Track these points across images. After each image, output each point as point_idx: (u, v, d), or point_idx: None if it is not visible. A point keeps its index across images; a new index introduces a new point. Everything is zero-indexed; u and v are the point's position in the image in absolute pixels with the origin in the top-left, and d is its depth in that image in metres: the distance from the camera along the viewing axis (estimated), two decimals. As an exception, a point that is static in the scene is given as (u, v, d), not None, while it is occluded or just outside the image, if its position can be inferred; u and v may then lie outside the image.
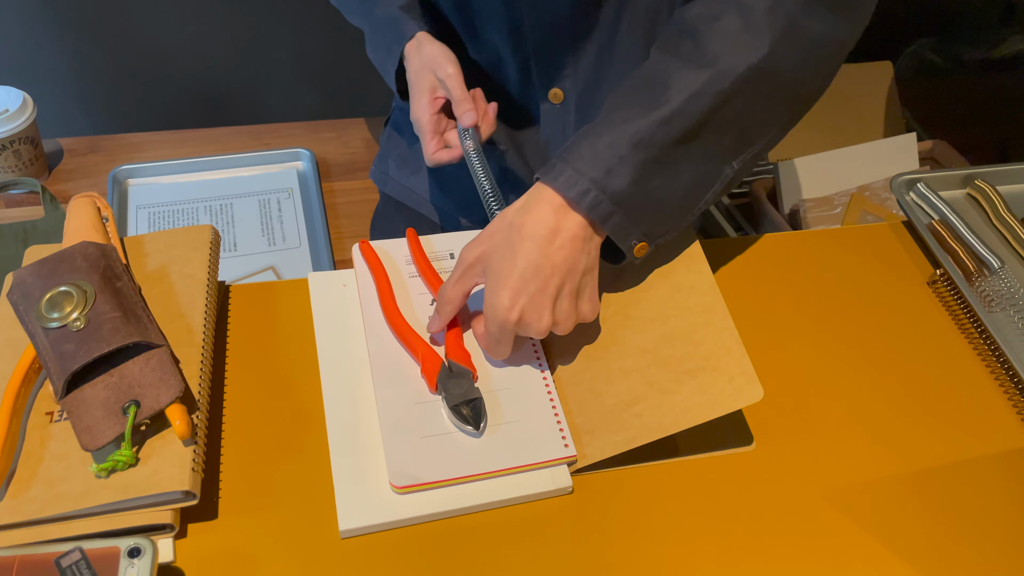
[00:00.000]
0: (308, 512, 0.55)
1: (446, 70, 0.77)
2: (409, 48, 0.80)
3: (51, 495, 0.51)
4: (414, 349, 0.62)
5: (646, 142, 0.59)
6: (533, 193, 0.61)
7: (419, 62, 0.79)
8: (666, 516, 0.57)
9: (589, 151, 0.60)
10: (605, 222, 0.59)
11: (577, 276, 0.60)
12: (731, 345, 0.59)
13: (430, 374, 0.60)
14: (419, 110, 0.79)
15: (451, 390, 0.60)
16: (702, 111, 0.60)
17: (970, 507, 0.60)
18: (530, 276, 0.58)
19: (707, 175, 0.63)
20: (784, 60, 0.61)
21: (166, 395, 0.53)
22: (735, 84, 0.60)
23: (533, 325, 0.59)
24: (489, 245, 0.61)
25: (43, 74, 1.43)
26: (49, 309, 0.55)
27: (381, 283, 0.66)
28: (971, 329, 0.71)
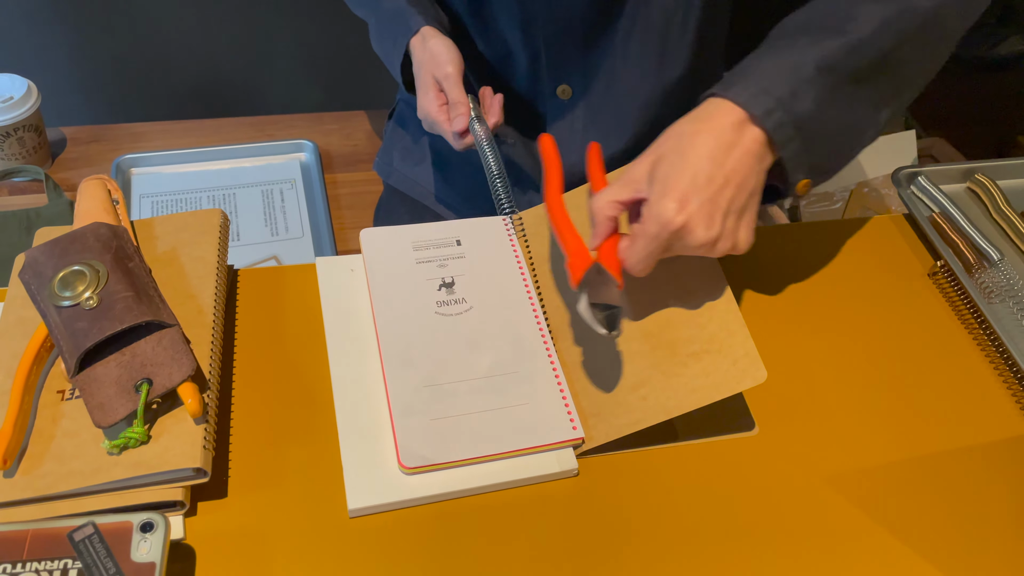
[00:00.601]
0: (317, 491, 0.56)
1: (444, 70, 0.78)
2: (414, 43, 0.81)
3: (63, 471, 0.51)
4: (566, 242, 0.60)
5: (833, 67, 0.58)
6: (707, 107, 0.59)
7: (423, 57, 0.80)
8: (670, 499, 0.58)
9: (774, 70, 0.58)
10: (784, 146, 0.58)
11: (745, 194, 0.57)
12: (735, 327, 0.60)
13: (577, 269, 0.58)
14: (427, 104, 0.80)
15: (595, 290, 0.58)
16: (886, 44, 0.59)
17: (969, 494, 0.60)
18: (703, 183, 0.55)
19: (870, 117, 0.63)
20: (953, 7, 0.61)
21: (178, 374, 0.53)
22: (918, 23, 0.60)
23: (697, 233, 0.55)
24: (655, 155, 0.58)
25: (47, 62, 1.43)
26: (62, 288, 0.55)
27: (552, 177, 0.65)
28: (971, 320, 0.72)
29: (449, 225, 0.72)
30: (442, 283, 0.67)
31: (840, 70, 0.59)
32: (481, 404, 0.60)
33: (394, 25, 0.83)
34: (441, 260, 0.69)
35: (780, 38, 0.62)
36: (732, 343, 0.59)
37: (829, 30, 0.60)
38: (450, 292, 0.67)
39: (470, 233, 0.71)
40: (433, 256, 0.69)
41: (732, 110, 0.57)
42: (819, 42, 0.59)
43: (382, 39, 0.87)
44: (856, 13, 0.60)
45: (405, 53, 0.82)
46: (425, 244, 0.70)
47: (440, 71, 0.78)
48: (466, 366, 0.62)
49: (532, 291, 0.67)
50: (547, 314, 0.66)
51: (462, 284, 0.67)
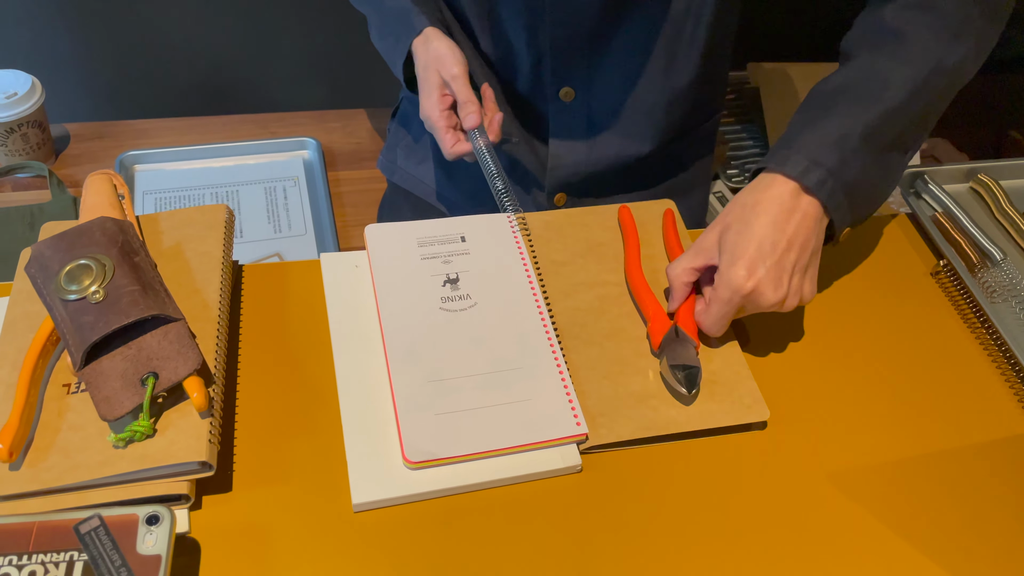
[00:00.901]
0: (321, 486, 0.56)
1: (451, 71, 0.78)
2: (417, 43, 0.81)
3: (69, 464, 0.51)
4: (646, 308, 0.65)
5: (873, 135, 0.65)
6: (764, 179, 0.64)
7: (426, 58, 0.80)
8: (674, 495, 0.58)
9: (820, 141, 0.64)
10: (836, 209, 0.64)
11: (808, 254, 0.63)
12: (739, 368, 0.64)
13: (657, 333, 0.63)
14: (429, 107, 0.80)
15: (674, 352, 0.62)
16: (919, 107, 0.66)
17: (972, 492, 0.61)
18: (768, 249, 0.61)
19: (902, 165, 0.70)
20: (972, 56, 0.68)
21: (184, 367, 0.53)
22: (946, 82, 0.67)
23: (767, 295, 0.61)
24: (723, 225, 0.64)
25: (51, 59, 1.43)
26: (68, 282, 0.55)
27: (631, 243, 0.70)
28: (973, 319, 0.72)
29: (454, 221, 0.72)
30: (446, 279, 0.67)
31: (880, 136, 0.65)
32: (485, 399, 0.60)
33: (396, 23, 0.84)
34: (446, 256, 0.69)
35: (818, 106, 0.67)
36: (736, 382, 0.63)
37: (866, 100, 0.65)
38: (454, 288, 0.67)
39: (475, 229, 0.71)
40: (438, 252, 0.69)
41: (785, 182, 0.63)
42: (858, 114, 0.65)
43: (383, 36, 0.87)
44: (890, 79, 0.65)
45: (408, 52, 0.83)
46: (430, 240, 0.70)
47: (447, 71, 0.78)
48: (470, 362, 0.62)
49: (537, 288, 0.68)
50: (554, 317, 0.66)
51: (466, 280, 0.68)
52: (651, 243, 0.73)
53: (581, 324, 0.66)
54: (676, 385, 0.61)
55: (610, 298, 0.68)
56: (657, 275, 0.70)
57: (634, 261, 0.69)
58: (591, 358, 0.64)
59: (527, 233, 0.72)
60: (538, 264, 0.70)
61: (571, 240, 0.72)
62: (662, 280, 0.70)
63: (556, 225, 0.73)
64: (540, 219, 0.73)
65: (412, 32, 0.81)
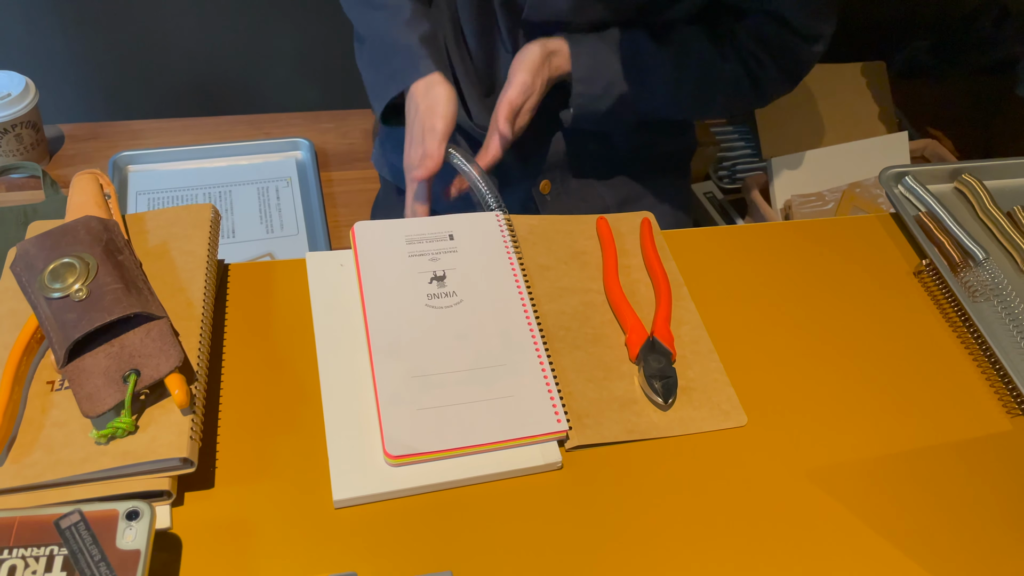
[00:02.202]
0: (303, 482, 0.56)
1: (432, 122, 0.78)
2: (418, 86, 0.80)
3: (51, 460, 0.52)
4: (624, 319, 0.67)
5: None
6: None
7: (423, 105, 0.79)
8: (654, 492, 0.59)
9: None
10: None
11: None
12: (717, 376, 0.66)
13: (634, 344, 0.65)
14: (409, 157, 0.80)
15: (650, 363, 0.64)
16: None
17: (952, 490, 0.61)
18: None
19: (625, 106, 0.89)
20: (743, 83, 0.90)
21: (166, 365, 0.54)
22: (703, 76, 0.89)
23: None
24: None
25: (46, 60, 1.44)
26: (52, 280, 0.56)
27: (608, 254, 0.72)
28: (955, 318, 0.73)
29: (442, 219, 0.73)
30: (433, 276, 0.68)
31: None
32: (467, 395, 0.61)
33: (398, 58, 0.83)
34: (433, 254, 0.70)
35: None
36: (715, 389, 0.65)
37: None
38: (441, 285, 0.67)
39: (463, 228, 0.72)
40: (426, 250, 0.70)
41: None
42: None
43: (377, 65, 0.86)
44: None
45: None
46: (418, 238, 0.70)
47: (429, 122, 0.78)
48: (454, 358, 0.63)
49: (523, 288, 0.68)
50: (540, 319, 0.66)
51: (453, 278, 0.68)
52: (629, 253, 0.74)
53: (566, 328, 0.66)
54: (653, 395, 0.62)
55: (594, 305, 0.69)
56: (635, 285, 0.71)
57: (612, 273, 0.70)
58: (576, 361, 0.64)
59: (513, 235, 0.72)
60: (524, 266, 0.70)
61: (556, 246, 0.73)
62: (640, 291, 0.71)
63: (541, 230, 0.74)
64: (525, 223, 0.74)
65: (416, 75, 0.81)
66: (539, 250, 0.72)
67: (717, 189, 1.37)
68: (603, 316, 0.68)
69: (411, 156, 0.80)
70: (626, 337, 0.66)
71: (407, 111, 0.82)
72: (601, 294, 0.70)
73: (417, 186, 0.79)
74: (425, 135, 0.78)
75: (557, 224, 0.75)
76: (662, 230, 0.76)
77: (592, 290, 0.70)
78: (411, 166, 0.80)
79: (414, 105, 0.80)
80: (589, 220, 0.76)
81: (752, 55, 0.87)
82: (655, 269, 0.71)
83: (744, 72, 0.88)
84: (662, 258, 0.73)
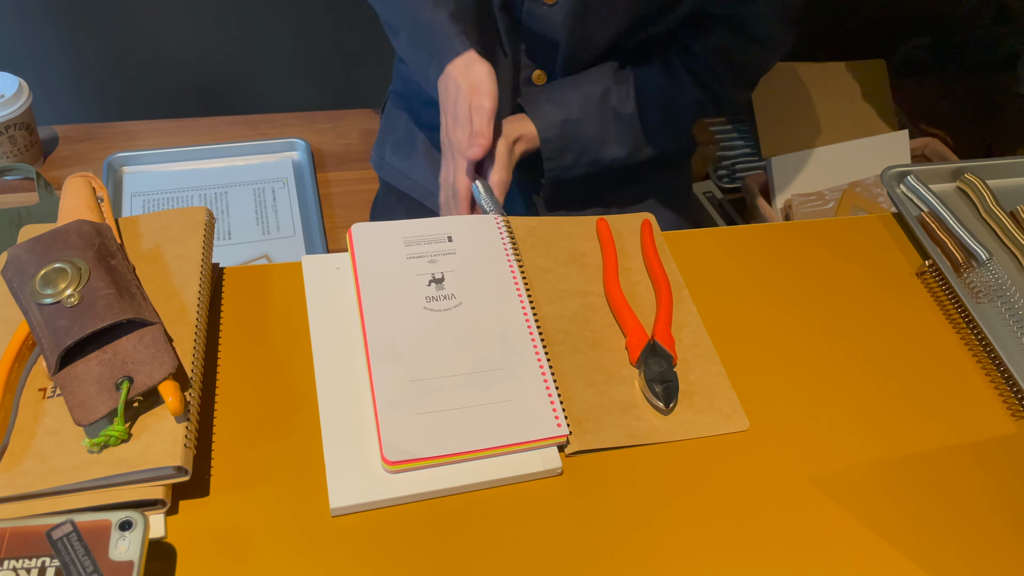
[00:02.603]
0: (299, 490, 0.56)
1: (480, 101, 0.77)
2: (456, 65, 0.79)
3: (43, 469, 0.51)
4: (624, 322, 0.66)
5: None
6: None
7: (465, 84, 0.78)
8: (656, 498, 0.58)
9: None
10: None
11: None
12: (718, 379, 0.65)
13: (634, 348, 0.64)
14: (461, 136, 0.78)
15: (651, 367, 0.63)
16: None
17: (956, 493, 0.60)
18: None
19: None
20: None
21: (159, 371, 0.53)
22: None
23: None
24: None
25: (39, 60, 1.43)
26: (43, 285, 0.55)
27: (608, 256, 0.71)
28: (959, 319, 0.72)
29: (441, 221, 0.72)
30: (432, 278, 0.67)
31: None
32: (466, 400, 0.60)
33: (434, 39, 0.82)
34: (432, 256, 0.69)
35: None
36: (716, 392, 0.64)
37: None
38: (439, 288, 0.67)
39: (462, 229, 0.71)
40: (424, 252, 0.69)
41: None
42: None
43: (417, 47, 0.85)
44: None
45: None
46: (416, 240, 0.70)
47: (476, 100, 0.77)
48: (453, 361, 0.62)
49: (522, 291, 0.67)
50: (539, 322, 0.66)
51: (452, 280, 0.67)
52: (630, 255, 0.73)
53: (565, 331, 0.66)
54: (654, 399, 0.61)
55: (593, 308, 0.68)
56: (636, 288, 0.70)
57: (612, 275, 0.69)
58: (576, 364, 0.64)
59: (512, 236, 0.72)
60: (523, 268, 0.69)
61: (555, 248, 0.72)
62: (640, 293, 0.70)
63: (540, 232, 0.73)
64: (524, 225, 0.73)
65: (453, 52, 0.80)
66: (538, 252, 0.71)
67: (716, 188, 1.36)
68: (603, 319, 0.67)
69: (457, 136, 0.79)
70: (626, 340, 0.65)
71: (446, 91, 0.81)
72: (601, 296, 0.69)
73: (468, 164, 0.79)
74: (473, 114, 0.77)
75: (556, 226, 0.74)
76: (662, 231, 0.76)
77: (592, 292, 0.69)
78: (460, 146, 0.79)
79: (454, 85, 0.79)
80: (589, 221, 0.75)
81: (713, 75, 0.91)
82: (656, 271, 0.70)
83: (704, 94, 0.92)
84: (663, 260, 0.72)
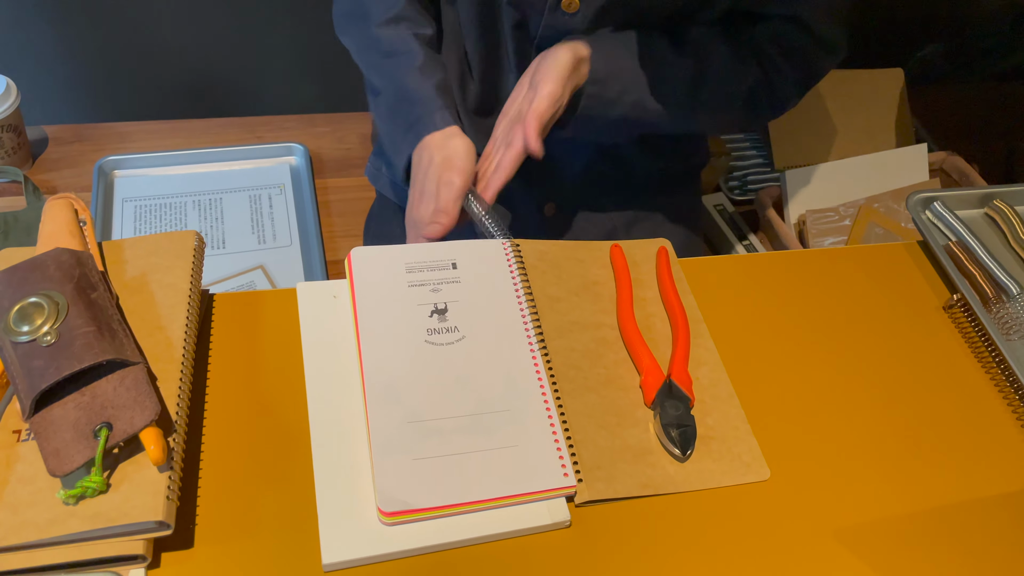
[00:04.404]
0: (290, 543, 0.52)
1: (451, 177, 0.73)
2: (434, 138, 0.76)
3: (16, 522, 0.47)
4: (639, 359, 0.62)
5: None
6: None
7: (439, 157, 0.74)
8: (670, 552, 0.54)
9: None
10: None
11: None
12: (738, 423, 0.61)
13: (650, 388, 0.60)
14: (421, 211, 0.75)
15: (667, 409, 0.59)
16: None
17: (984, 548, 0.57)
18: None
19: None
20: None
21: (140, 418, 0.49)
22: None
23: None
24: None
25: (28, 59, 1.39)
26: (18, 322, 0.51)
27: (623, 286, 0.67)
28: (988, 357, 0.68)
29: (445, 246, 0.68)
30: (434, 309, 0.63)
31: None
32: (467, 445, 0.56)
33: (415, 110, 0.78)
34: (435, 284, 0.65)
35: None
36: (736, 439, 0.60)
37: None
38: (442, 319, 0.63)
39: (467, 256, 0.67)
40: (427, 279, 0.65)
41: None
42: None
43: (394, 115, 0.81)
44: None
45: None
46: (419, 266, 0.66)
47: (447, 176, 0.73)
48: (453, 402, 0.58)
49: (530, 323, 0.64)
50: (549, 358, 0.62)
51: (455, 311, 0.64)
52: (645, 284, 0.69)
53: (576, 367, 0.62)
54: (670, 446, 0.58)
55: (606, 342, 0.64)
56: (651, 320, 0.66)
57: (626, 307, 0.66)
58: (588, 405, 0.60)
59: (521, 263, 0.68)
60: (532, 297, 0.65)
61: (566, 275, 0.68)
62: (656, 326, 0.66)
63: (551, 257, 0.69)
64: (534, 249, 0.69)
65: (432, 126, 0.76)
66: (548, 279, 0.67)
67: (728, 201, 1.32)
68: (616, 354, 0.64)
69: (421, 210, 0.75)
70: (641, 379, 0.61)
71: (419, 161, 0.77)
72: (614, 329, 0.65)
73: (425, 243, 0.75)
74: (440, 188, 0.73)
75: (568, 251, 0.70)
76: (672, 248, 0.72)
77: (605, 325, 0.65)
78: (421, 221, 0.74)
79: (428, 156, 0.75)
80: (603, 247, 0.71)
81: (770, 59, 0.82)
82: (672, 303, 0.66)
83: (762, 76, 0.83)
84: (679, 290, 0.68)
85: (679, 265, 0.71)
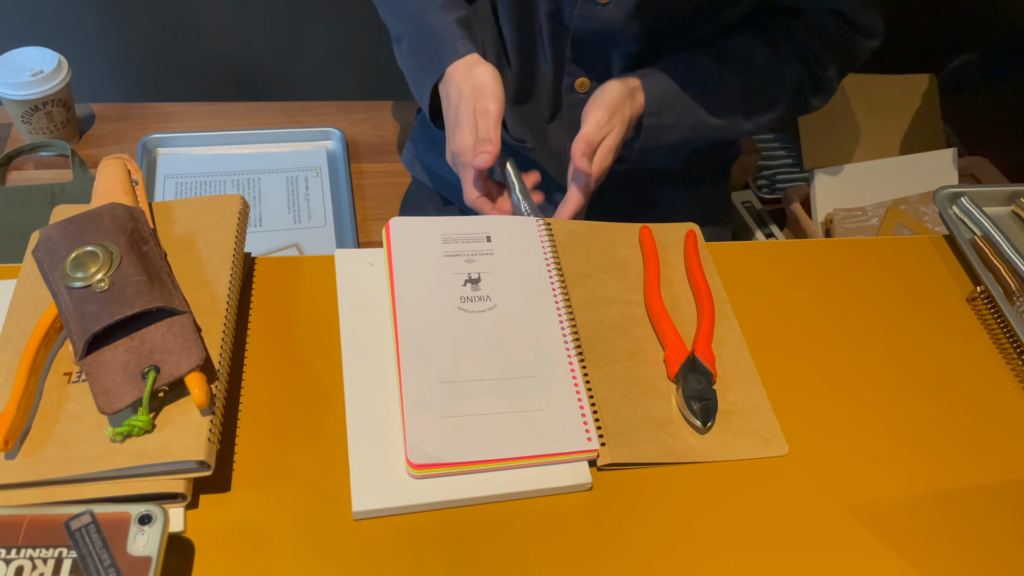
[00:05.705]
0: (322, 491, 0.54)
1: (485, 104, 0.73)
2: (457, 68, 0.76)
3: (65, 456, 0.50)
4: (664, 335, 0.64)
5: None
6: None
7: (467, 87, 0.75)
8: (688, 521, 0.56)
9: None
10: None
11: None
12: (758, 400, 0.62)
13: (673, 362, 0.62)
14: (464, 141, 0.75)
15: (689, 383, 0.61)
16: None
17: (1004, 533, 0.58)
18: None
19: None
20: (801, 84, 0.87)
21: (187, 362, 0.52)
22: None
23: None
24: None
25: (79, 37, 1.43)
26: (74, 268, 0.54)
27: (651, 266, 0.68)
28: (1009, 349, 0.69)
29: (481, 220, 0.70)
30: (468, 278, 0.66)
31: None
32: (495, 406, 0.58)
33: (435, 43, 0.79)
34: (469, 255, 0.67)
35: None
36: (756, 414, 0.62)
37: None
38: (475, 288, 0.65)
39: (502, 230, 0.69)
40: (462, 250, 0.67)
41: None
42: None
43: (416, 53, 0.82)
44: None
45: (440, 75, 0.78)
46: (454, 237, 0.68)
47: (480, 104, 0.74)
48: (484, 365, 0.60)
49: (559, 296, 0.65)
50: (576, 330, 0.64)
51: (488, 281, 0.66)
52: (672, 266, 0.71)
53: (603, 339, 0.64)
54: (691, 417, 0.59)
55: (633, 318, 0.66)
56: (677, 300, 0.68)
57: (653, 286, 0.67)
58: (613, 375, 0.62)
59: (552, 240, 0.70)
60: (562, 272, 0.67)
61: (596, 253, 0.70)
62: (681, 305, 0.68)
63: (581, 237, 0.71)
64: (565, 228, 0.71)
65: (455, 54, 0.76)
66: (578, 257, 0.69)
67: (756, 199, 1.33)
68: (642, 330, 0.65)
69: (462, 142, 0.75)
70: (665, 354, 0.63)
71: (447, 96, 0.77)
72: (641, 306, 0.67)
73: (475, 174, 0.75)
74: (478, 118, 0.74)
75: (598, 231, 0.72)
76: (701, 232, 0.73)
77: (632, 302, 0.67)
78: (465, 152, 0.74)
79: (456, 89, 0.75)
80: (632, 228, 0.73)
81: (812, 53, 0.84)
82: (699, 284, 0.68)
83: (806, 72, 0.85)
84: (706, 273, 0.70)
85: (707, 249, 0.73)
